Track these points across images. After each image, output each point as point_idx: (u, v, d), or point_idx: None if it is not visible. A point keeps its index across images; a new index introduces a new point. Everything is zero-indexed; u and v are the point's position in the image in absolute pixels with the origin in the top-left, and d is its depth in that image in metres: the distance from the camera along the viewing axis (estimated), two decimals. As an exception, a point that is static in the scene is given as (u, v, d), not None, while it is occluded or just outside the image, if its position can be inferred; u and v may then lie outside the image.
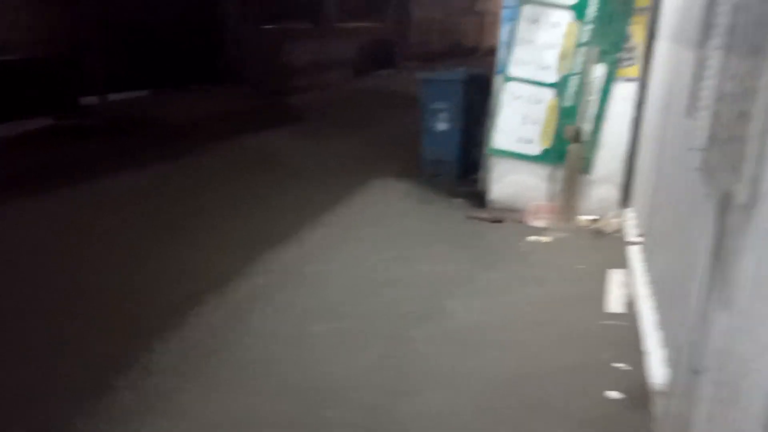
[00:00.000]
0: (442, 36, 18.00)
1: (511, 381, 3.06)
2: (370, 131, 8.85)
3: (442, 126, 6.30)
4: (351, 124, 9.33)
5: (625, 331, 3.52)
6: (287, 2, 12.89)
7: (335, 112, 10.50)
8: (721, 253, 2.05)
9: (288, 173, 6.72)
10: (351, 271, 4.29)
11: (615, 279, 4.17)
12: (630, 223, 4.95)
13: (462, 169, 6.28)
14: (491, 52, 6.07)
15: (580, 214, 5.28)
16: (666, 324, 3.05)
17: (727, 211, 2.00)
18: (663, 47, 4.54)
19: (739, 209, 1.87)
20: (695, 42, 2.87)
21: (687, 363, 2.19)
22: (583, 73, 5.14)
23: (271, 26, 12.28)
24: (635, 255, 4.29)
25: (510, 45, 5.27)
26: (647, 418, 2.73)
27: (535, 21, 5.19)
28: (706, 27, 2.58)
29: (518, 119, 5.34)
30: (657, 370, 2.89)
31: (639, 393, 2.91)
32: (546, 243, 4.89)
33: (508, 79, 5.32)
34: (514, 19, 5.24)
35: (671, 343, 2.81)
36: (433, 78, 6.39)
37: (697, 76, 2.37)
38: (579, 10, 5.07)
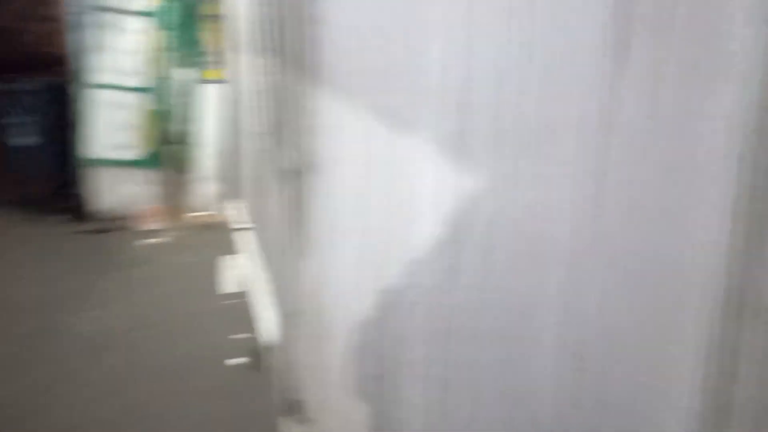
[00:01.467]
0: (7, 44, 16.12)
1: (141, 376, 3.15)
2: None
3: (26, 141, 5.78)
4: None
5: (241, 307, 3.90)
6: None
7: None
8: (299, 215, 2.51)
9: None
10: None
11: (228, 264, 4.53)
12: (241, 212, 5.39)
13: (60, 184, 5.88)
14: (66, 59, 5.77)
15: (189, 212, 5.52)
16: (274, 290, 3.51)
17: (295, 179, 2.46)
18: (242, 53, 5.05)
19: (302, 177, 2.34)
20: (259, 50, 3.35)
21: (285, 311, 2.62)
22: (170, 77, 5.35)
23: None
24: (247, 239, 4.72)
25: (91, 51, 5.17)
26: (265, 372, 3.14)
27: (113, 27, 5.19)
28: (261, 38, 3.06)
29: (111, 126, 5.28)
30: (270, 330, 3.32)
31: (257, 353, 3.30)
32: (159, 244, 5.00)
33: (95, 86, 5.21)
34: (90, 25, 5.15)
35: (278, 303, 3.26)
36: (8, 90, 5.81)
37: (261, 74, 2.81)
38: (155, 16, 5.25)
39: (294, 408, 2.64)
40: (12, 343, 3.41)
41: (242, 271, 4.34)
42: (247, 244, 4.61)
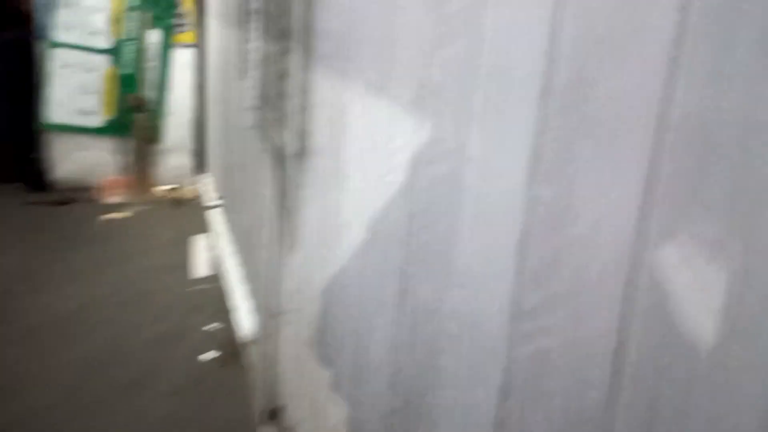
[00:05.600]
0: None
1: (104, 364, 2.88)
2: None
3: (-21, 100, 5.32)
4: None
5: (214, 293, 3.62)
6: None
7: None
8: (285, 202, 2.23)
9: None
10: None
11: (199, 244, 4.23)
12: (208, 187, 5.07)
13: (17, 150, 5.44)
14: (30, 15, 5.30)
15: (156, 185, 5.18)
16: (250, 276, 3.23)
17: (283, 163, 2.17)
18: (214, 18, 4.68)
19: (293, 161, 2.05)
20: (238, 20, 3.02)
21: (267, 308, 2.36)
22: (138, 39, 4.95)
23: None
24: (217, 218, 4.41)
25: (51, 7, 4.74)
26: (241, 369, 2.88)
27: (77, -19, 4.76)
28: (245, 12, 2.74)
29: (73, 89, 4.88)
30: (246, 321, 3.05)
31: (232, 347, 3.04)
32: (124, 218, 4.66)
33: (55, 45, 4.79)
34: (52, -23, 4.71)
35: (255, 292, 2.99)
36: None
37: (242, 43, 2.51)
38: (124, -29, 4.84)
39: (274, 415, 2.39)
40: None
41: (214, 252, 4.05)
42: (217, 223, 4.31)
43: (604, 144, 0.74)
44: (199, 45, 5.17)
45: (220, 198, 4.55)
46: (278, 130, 2.06)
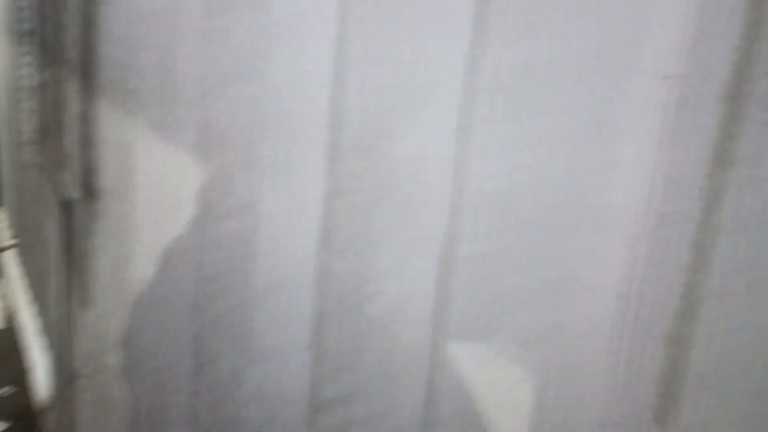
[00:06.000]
0: None
1: None
2: None
3: None
4: None
5: (7, 349, 3.16)
6: None
7: None
8: (74, 251, 1.95)
9: None
10: None
11: (-12, 292, 3.70)
12: (2, 225, 4.47)
13: None
14: None
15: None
16: (47, 331, 2.85)
17: (69, 206, 1.89)
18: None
19: (79, 204, 1.79)
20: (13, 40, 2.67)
21: (60, 370, 2.06)
22: None
23: None
24: (11, 260, 3.88)
25: None
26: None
27: None
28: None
29: None
30: (43, 382, 2.67)
31: (28, 416, 2.65)
32: None
33: None
34: None
35: (51, 351, 2.63)
36: None
37: (17, 67, 2.19)
38: None
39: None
40: None
41: (7, 301, 3.55)
42: (11, 266, 3.79)
43: (400, 213, 0.63)
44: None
45: (15, 237, 4.01)
46: (59, 169, 1.78)
